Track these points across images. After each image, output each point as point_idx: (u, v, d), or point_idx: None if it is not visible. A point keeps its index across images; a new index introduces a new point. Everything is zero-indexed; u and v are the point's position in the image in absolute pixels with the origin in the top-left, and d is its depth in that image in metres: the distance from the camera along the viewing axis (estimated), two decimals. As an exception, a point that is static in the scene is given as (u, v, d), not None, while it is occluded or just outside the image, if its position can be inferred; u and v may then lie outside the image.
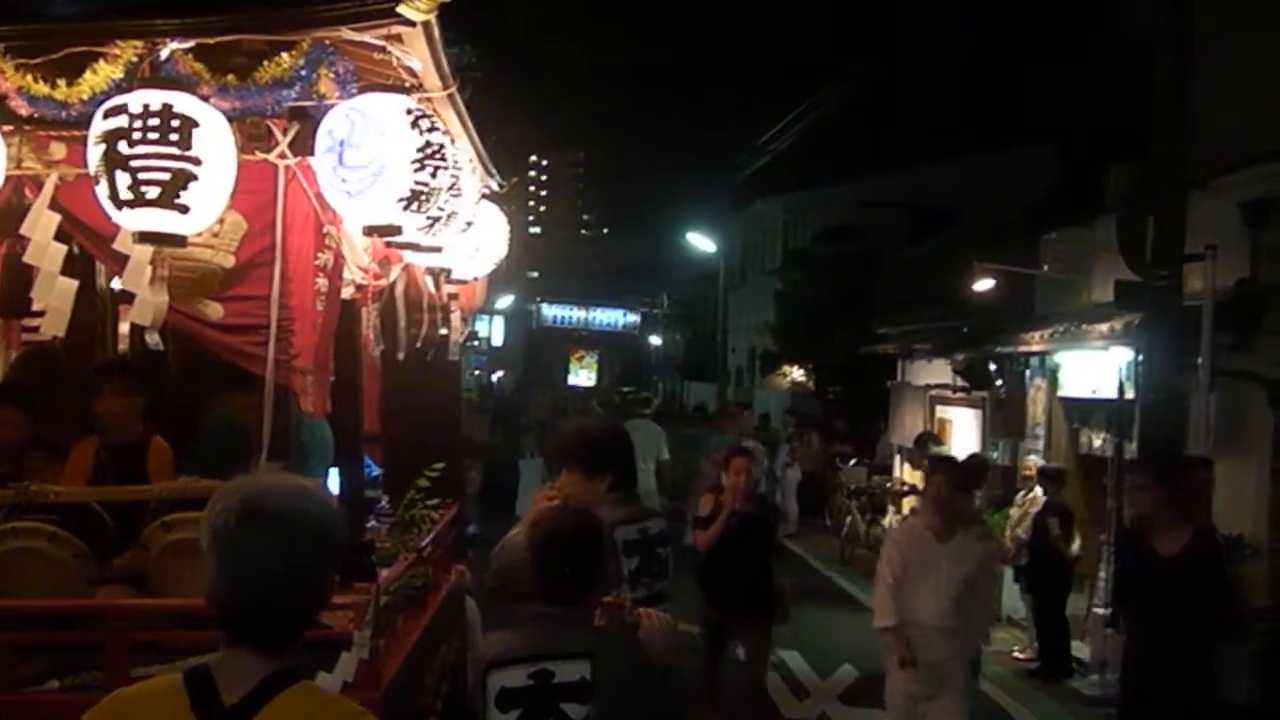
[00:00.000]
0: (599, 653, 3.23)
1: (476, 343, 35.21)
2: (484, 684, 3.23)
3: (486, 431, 15.54)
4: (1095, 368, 10.99)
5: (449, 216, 4.13)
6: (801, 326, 22.80)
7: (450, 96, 4.09)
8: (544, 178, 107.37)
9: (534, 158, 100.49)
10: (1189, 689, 5.62)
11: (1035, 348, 11.92)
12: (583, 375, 46.45)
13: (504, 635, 3.44)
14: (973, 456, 11.01)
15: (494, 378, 42.09)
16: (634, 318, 48.43)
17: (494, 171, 5.89)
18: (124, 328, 5.69)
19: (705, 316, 37.17)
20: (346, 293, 4.77)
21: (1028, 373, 12.67)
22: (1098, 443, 11.34)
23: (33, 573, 4.30)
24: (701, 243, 33.68)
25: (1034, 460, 11.57)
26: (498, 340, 45.51)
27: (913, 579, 6.62)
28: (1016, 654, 10.40)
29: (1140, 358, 8.92)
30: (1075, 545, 9.88)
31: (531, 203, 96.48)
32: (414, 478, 5.38)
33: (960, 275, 13.81)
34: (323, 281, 4.08)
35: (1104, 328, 10.05)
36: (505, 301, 39.42)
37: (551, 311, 47.91)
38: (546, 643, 3.25)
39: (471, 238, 5.30)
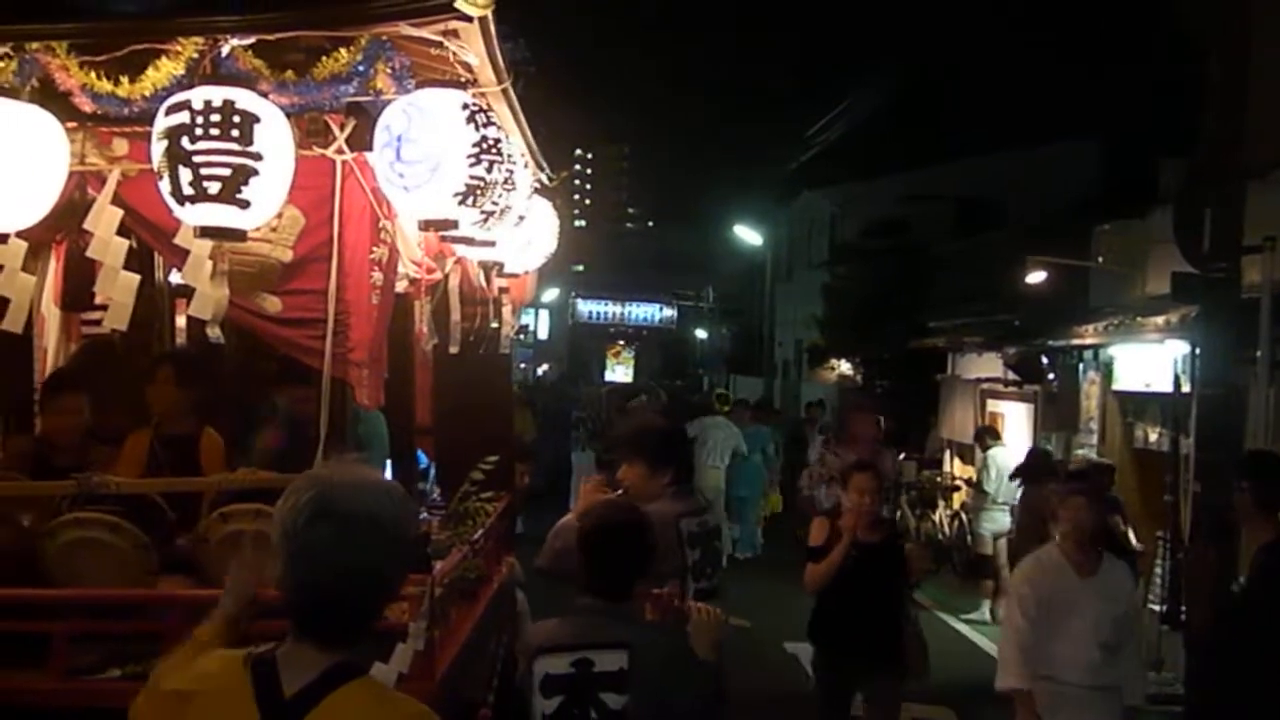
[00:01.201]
0: (638, 644, 3.34)
1: (523, 336, 35.33)
2: (530, 669, 3.37)
3: (534, 429, 15.50)
4: (1150, 361, 10.85)
5: (503, 211, 4.15)
6: (849, 320, 22.66)
7: (504, 91, 4.10)
8: (589, 171, 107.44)
9: (579, 151, 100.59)
10: None
11: (1089, 341, 11.78)
12: (619, 371, 46.48)
13: (551, 624, 3.57)
14: (1032, 453, 10.88)
15: (539, 371, 42.22)
16: (671, 312, 48.31)
17: (544, 165, 5.91)
18: (181, 321, 5.77)
19: (752, 310, 37.06)
20: (400, 286, 4.82)
21: (1081, 366, 12.53)
22: (1154, 437, 11.19)
23: (94, 563, 4.37)
24: (748, 235, 33.58)
25: (1083, 455, 11.45)
26: (543, 334, 45.66)
27: (1051, 625, 5.32)
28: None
29: (1197, 351, 8.80)
30: (1132, 540, 9.74)
31: (576, 196, 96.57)
32: (465, 470, 5.41)
33: (1009, 268, 13.69)
34: (378, 275, 4.12)
35: (1159, 320, 9.92)
36: (550, 295, 39.54)
37: (587, 307, 47.95)
38: (589, 633, 3.38)
39: (523, 231, 5.31)
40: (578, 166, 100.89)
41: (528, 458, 8.65)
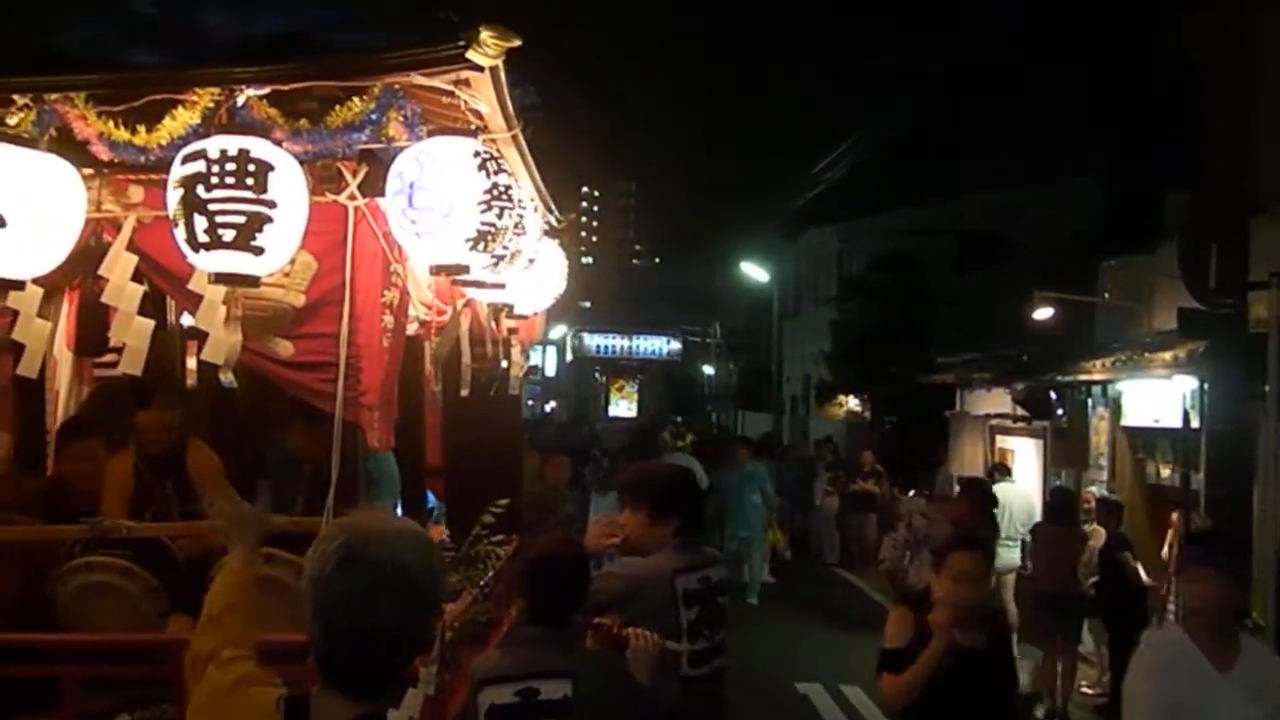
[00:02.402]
0: (580, 672, 3.45)
1: (534, 376, 35.28)
2: (475, 701, 3.46)
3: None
4: (1159, 397, 10.84)
5: (513, 254, 4.18)
6: (857, 356, 22.70)
7: (514, 137, 4.14)
8: (596, 208, 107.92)
9: (586, 188, 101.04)
10: None
11: (1097, 376, 11.78)
12: (622, 405, 46.39)
13: (495, 655, 3.71)
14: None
15: (547, 408, 42.17)
16: (675, 345, 48.25)
17: (553, 208, 5.95)
18: (191, 364, 5.80)
19: (759, 346, 37.11)
20: (410, 329, 4.85)
21: (1089, 402, 12.52)
22: (1165, 473, 11.17)
23: (105, 607, 4.39)
24: (755, 272, 33.68)
25: (1094, 491, 11.43)
26: (550, 370, 45.69)
27: None
28: (1085, 689, 10.22)
29: (1206, 387, 8.81)
30: (1143, 576, 9.72)
31: (583, 233, 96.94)
32: (475, 511, 5.41)
33: (1016, 303, 13.71)
34: (389, 319, 4.14)
35: (1167, 356, 9.93)
36: (557, 332, 39.60)
37: (592, 340, 47.93)
38: (532, 662, 3.48)
39: (533, 274, 5.35)
40: (585, 204, 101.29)
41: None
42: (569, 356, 47.64)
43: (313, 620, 2.02)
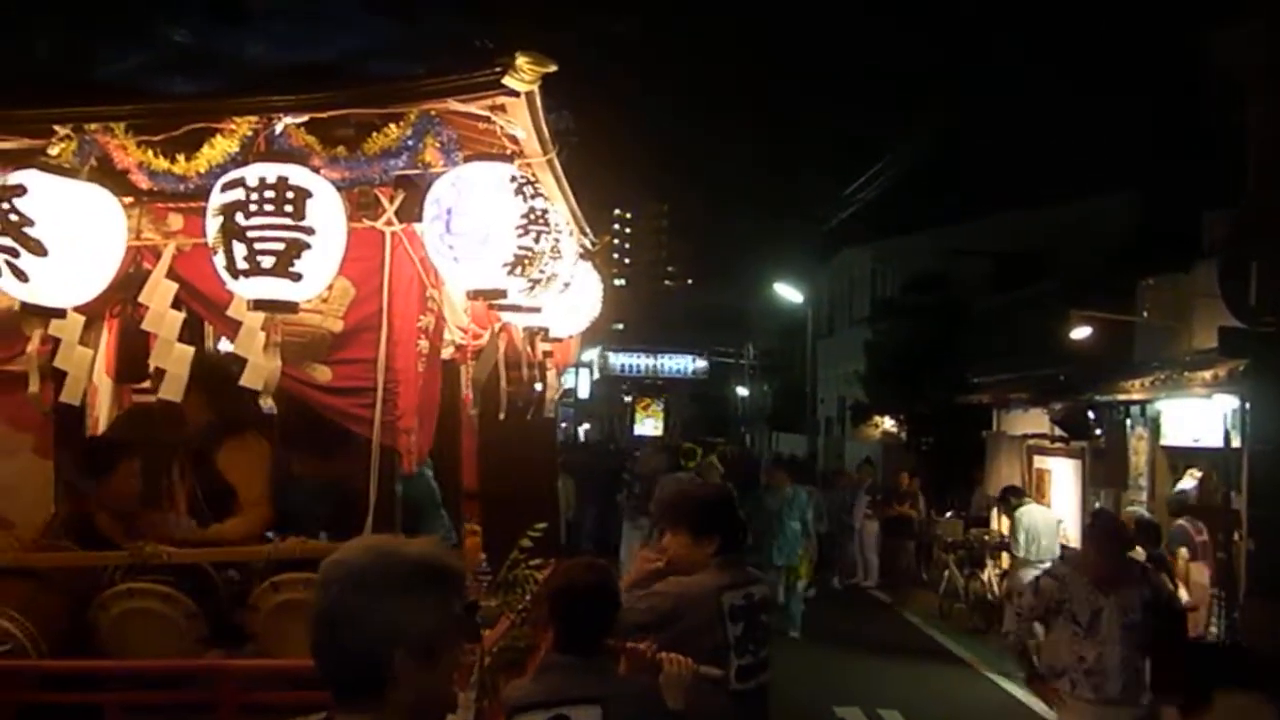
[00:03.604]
0: (610, 698, 3.44)
1: (568, 399, 35.32)
2: None
3: (573, 499, 14.75)
4: (1198, 416, 10.72)
5: (549, 278, 4.19)
6: (892, 376, 22.57)
7: (550, 161, 4.15)
8: (629, 230, 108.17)
9: (619, 210, 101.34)
10: None
11: (1135, 396, 11.67)
12: (649, 424, 46.37)
13: (525, 682, 3.71)
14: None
15: (580, 430, 42.13)
16: (702, 364, 48.18)
17: (587, 230, 5.96)
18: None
19: (793, 367, 37.01)
20: (446, 353, 4.86)
21: (1128, 421, 12.40)
22: (1192, 482, 11.04)
23: (145, 633, 4.41)
24: (789, 293, 33.61)
25: (1132, 511, 11.29)
26: (583, 393, 45.71)
27: None
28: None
29: (1247, 406, 8.70)
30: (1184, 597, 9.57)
31: (616, 255, 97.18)
32: (511, 534, 5.41)
33: (1052, 322, 13.63)
34: (425, 343, 4.16)
35: (1207, 375, 9.82)
36: (590, 354, 39.63)
37: (617, 360, 47.94)
38: (563, 689, 3.48)
39: (569, 297, 5.35)
40: (617, 226, 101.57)
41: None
42: (595, 375, 47.72)
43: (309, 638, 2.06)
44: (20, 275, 3.46)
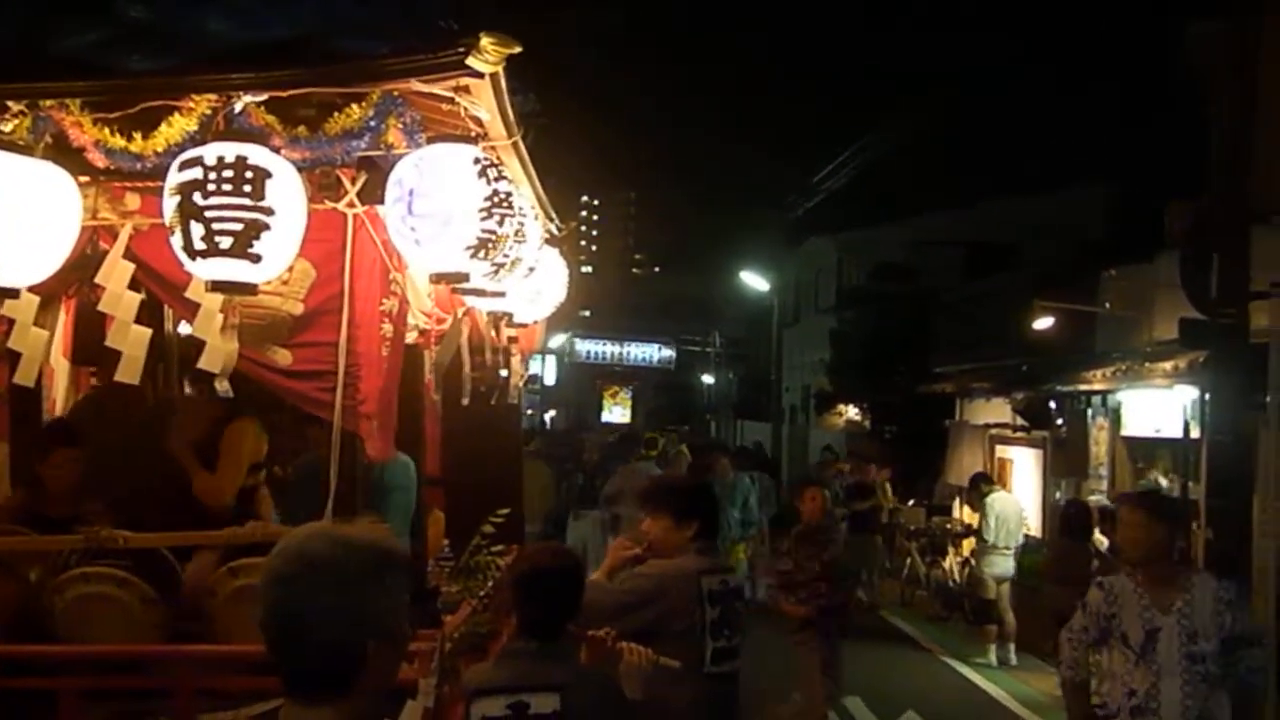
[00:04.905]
0: (570, 686, 3.45)
1: (534, 385, 35.23)
2: (467, 713, 3.47)
3: (551, 492, 14.59)
4: (1159, 406, 10.82)
5: (514, 262, 4.15)
6: (857, 365, 22.67)
7: (515, 144, 4.12)
8: (596, 217, 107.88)
9: (586, 197, 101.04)
10: None
11: (1097, 386, 11.77)
12: (616, 412, 46.48)
13: (486, 666, 3.75)
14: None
15: (546, 417, 42.07)
16: (668, 352, 48.28)
17: (553, 215, 5.92)
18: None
19: (759, 355, 37.06)
20: (410, 338, 4.81)
21: (1089, 411, 12.50)
22: (1164, 483, 11.15)
23: (102, 618, 4.35)
24: (755, 281, 33.63)
25: (1094, 500, 11.40)
26: (549, 379, 45.66)
27: None
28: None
29: (1206, 397, 8.78)
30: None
31: (584, 242, 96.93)
32: (474, 521, 5.38)
33: (1017, 313, 13.70)
34: (388, 327, 4.11)
35: (1168, 366, 9.91)
36: (556, 341, 39.57)
37: (583, 346, 47.98)
38: (523, 675, 3.48)
39: (533, 282, 5.32)
40: (585, 213, 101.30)
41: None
42: (566, 362, 47.76)
43: (261, 627, 2.00)
44: (-29, 254, 3.39)
